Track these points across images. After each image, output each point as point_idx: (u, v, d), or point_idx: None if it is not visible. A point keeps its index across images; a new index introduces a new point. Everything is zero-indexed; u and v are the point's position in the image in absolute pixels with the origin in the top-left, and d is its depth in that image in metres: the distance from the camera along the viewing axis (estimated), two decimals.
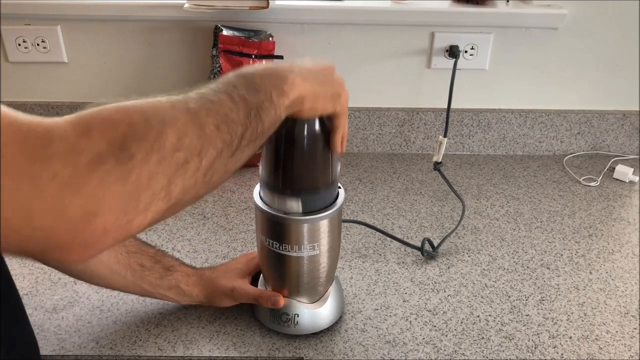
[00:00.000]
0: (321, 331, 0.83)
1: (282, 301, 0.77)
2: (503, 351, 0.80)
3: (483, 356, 0.80)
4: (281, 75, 0.55)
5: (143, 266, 0.80)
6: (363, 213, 1.12)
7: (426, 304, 0.89)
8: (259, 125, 0.51)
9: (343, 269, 0.96)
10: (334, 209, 0.76)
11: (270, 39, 1.22)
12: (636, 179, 1.25)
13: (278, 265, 0.79)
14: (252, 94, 0.51)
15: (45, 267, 0.92)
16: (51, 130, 0.39)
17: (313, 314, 0.81)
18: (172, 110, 0.45)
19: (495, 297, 0.91)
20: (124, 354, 0.79)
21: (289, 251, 0.76)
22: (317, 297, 0.83)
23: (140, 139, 0.41)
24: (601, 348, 0.81)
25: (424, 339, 0.82)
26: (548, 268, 0.98)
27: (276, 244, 0.76)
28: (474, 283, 0.94)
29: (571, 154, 1.37)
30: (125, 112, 0.44)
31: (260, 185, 0.76)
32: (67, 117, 0.41)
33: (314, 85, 0.59)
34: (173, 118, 0.44)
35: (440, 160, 1.18)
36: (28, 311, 0.68)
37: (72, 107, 1.31)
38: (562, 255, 1.01)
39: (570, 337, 0.83)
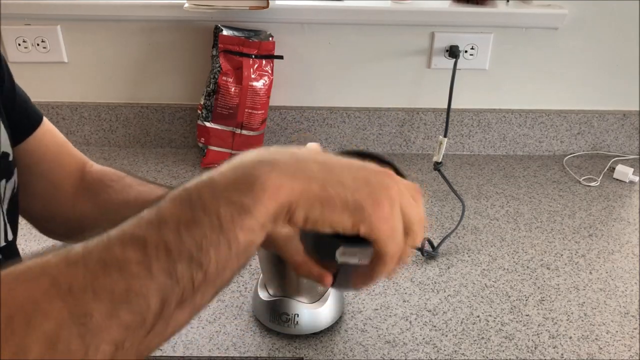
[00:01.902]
0: (321, 331, 0.83)
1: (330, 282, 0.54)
2: (503, 351, 0.80)
3: (483, 356, 0.80)
4: (246, 179, 0.37)
5: None
6: None
7: (426, 304, 0.89)
8: (198, 274, 0.35)
9: None
10: None
11: (270, 39, 1.22)
12: (636, 179, 1.25)
13: (278, 265, 0.79)
14: (183, 229, 0.35)
15: None
16: None
17: (313, 314, 0.81)
18: (45, 296, 0.32)
19: (495, 297, 0.91)
20: None
21: None
22: (317, 297, 0.83)
23: None
24: (601, 348, 0.81)
25: (424, 339, 0.82)
26: (548, 268, 0.98)
27: None
28: (474, 283, 0.94)
29: (571, 154, 1.37)
30: None
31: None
32: None
33: (312, 183, 0.38)
34: (44, 312, 0.31)
35: (440, 161, 1.18)
36: None
37: (72, 107, 1.31)
38: (562, 255, 1.01)
39: (570, 337, 0.83)
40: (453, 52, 1.24)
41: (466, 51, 1.26)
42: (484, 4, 1.23)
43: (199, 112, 1.24)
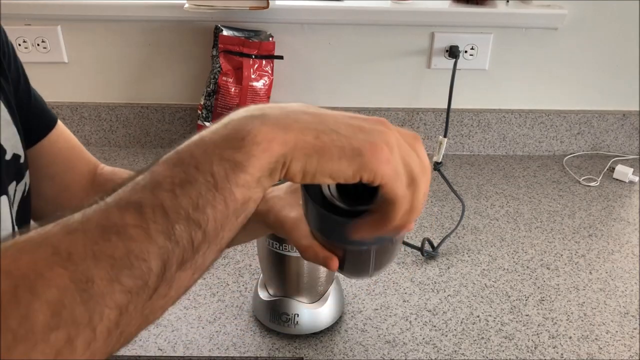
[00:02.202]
0: (321, 331, 0.83)
1: (336, 266, 0.53)
2: (503, 351, 0.81)
3: (483, 356, 0.80)
4: (237, 134, 0.36)
5: None
6: None
7: (426, 304, 0.89)
8: (197, 233, 0.35)
9: None
10: None
11: (270, 39, 1.22)
12: (636, 179, 1.25)
13: (278, 265, 0.79)
14: (178, 190, 0.35)
15: None
16: None
17: (313, 314, 0.81)
18: (47, 265, 0.32)
19: (495, 297, 0.91)
20: (124, 354, 0.79)
21: (289, 251, 0.76)
22: (317, 297, 0.83)
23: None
24: (601, 348, 0.81)
25: (424, 339, 0.82)
26: (548, 268, 0.98)
27: (276, 244, 0.77)
28: (474, 283, 0.94)
29: (571, 154, 1.37)
30: None
31: None
32: None
33: (305, 133, 0.37)
34: (47, 280, 0.31)
35: (440, 161, 1.18)
36: None
37: (72, 107, 1.32)
38: (562, 255, 1.01)
39: (570, 337, 0.83)
40: (453, 52, 1.25)
41: (466, 51, 1.26)
42: (484, 4, 1.23)
43: (199, 112, 1.24)
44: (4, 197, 0.53)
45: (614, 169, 1.28)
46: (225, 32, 1.20)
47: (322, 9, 1.22)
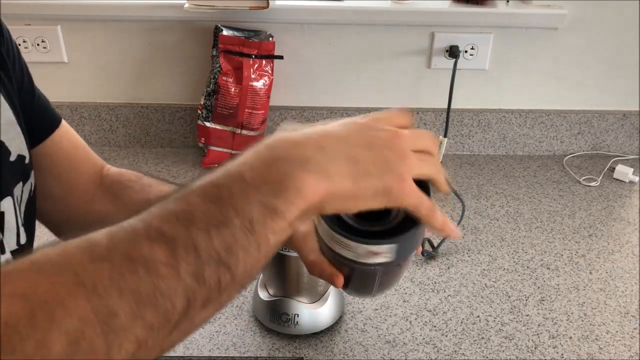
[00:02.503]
0: (321, 331, 0.83)
1: (341, 283, 0.55)
2: (503, 351, 0.80)
3: (483, 356, 0.80)
4: (280, 181, 0.36)
5: None
6: None
7: (426, 304, 0.89)
8: (226, 275, 0.35)
9: None
10: None
11: (270, 39, 1.22)
12: (636, 179, 1.25)
13: (278, 265, 0.79)
14: (214, 231, 0.34)
15: None
16: None
17: (313, 314, 0.81)
18: (69, 293, 0.31)
19: (495, 297, 0.91)
20: None
21: (289, 251, 0.76)
22: (317, 297, 0.83)
23: (14, 350, 0.29)
24: (601, 348, 0.81)
25: (424, 339, 0.82)
26: (548, 268, 0.98)
27: None
28: (474, 283, 0.94)
29: (571, 154, 1.37)
30: (8, 299, 0.30)
31: None
32: None
33: (345, 181, 0.38)
34: (68, 309, 0.30)
35: (440, 160, 1.18)
36: None
37: (72, 107, 1.31)
38: (562, 255, 1.01)
39: (570, 337, 0.83)
40: (453, 52, 1.24)
41: (466, 51, 1.26)
42: (484, 4, 1.23)
43: (199, 112, 1.24)
44: (9, 198, 0.53)
45: (614, 169, 1.28)
46: (225, 32, 1.20)
47: (322, 9, 1.22)
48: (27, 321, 0.29)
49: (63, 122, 0.66)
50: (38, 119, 0.62)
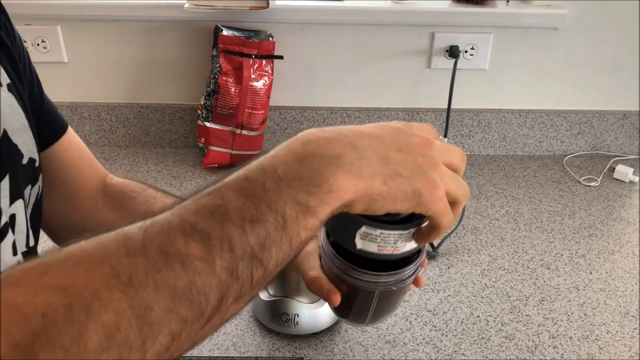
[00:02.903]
0: (321, 331, 0.83)
1: (337, 302, 0.55)
2: (503, 351, 0.80)
3: (483, 356, 0.80)
4: (313, 178, 0.37)
5: None
6: None
7: (426, 304, 0.89)
8: (258, 270, 0.35)
9: None
10: None
11: (270, 39, 1.22)
12: (636, 179, 1.25)
13: None
14: (248, 226, 0.35)
15: None
16: None
17: (313, 314, 0.81)
18: (105, 286, 0.31)
19: (495, 297, 0.91)
20: None
21: None
22: (317, 297, 0.83)
23: (52, 341, 0.29)
24: (601, 348, 0.81)
25: (424, 339, 0.82)
26: (548, 268, 0.98)
27: None
28: (474, 283, 0.94)
29: (571, 154, 1.37)
30: (46, 290, 0.31)
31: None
32: None
33: (376, 181, 0.38)
34: (104, 302, 0.31)
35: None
36: None
37: (72, 107, 1.31)
38: (562, 255, 1.01)
39: (571, 337, 0.83)
40: (453, 52, 1.24)
41: (466, 51, 1.26)
42: (484, 4, 1.23)
43: (199, 112, 1.24)
44: (20, 201, 0.53)
45: (614, 169, 1.28)
46: (225, 32, 1.20)
47: (322, 9, 1.22)
48: (65, 313, 0.30)
49: (69, 128, 0.67)
50: (46, 124, 0.62)
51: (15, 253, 0.51)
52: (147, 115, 1.33)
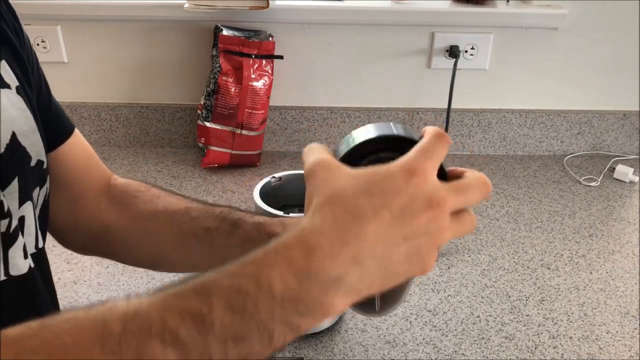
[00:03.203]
0: (321, 331, 0.82)
1: None
2: (503, 351, 0.80)
3: (483, 356, 0.80)
4: (310, 304, 0.35)
5: (209, 229, 0.62)
6: None
7: (426, 304, 0.89)
8: None
9: None
10: None
11: (270, 39, 1.22)
12: (636, 179, 1.25)
13: None
14: (231, 343, 0.34)
15: None
16: None
17: None
18: None
19: (495, 297, 0.91)
20: None
21: None
22: None
23: None
24: (601, 348, 0.81)
25: (424, 339, 0.82)
26: (548, 268, 0.98)
27: None
28: (474, 283, 0.94)
29: (571, 154, 1.37)
30: None
31: None
32: None
33: (372, 288, 0.37)
34: None
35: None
36: None
37: (72, 107, 1.31)
38: (562, 255, 1.01)
39: (571, 338, 0.83)
40: (453, 52, 1.24)
41: (466, 51, 1.26)
42: (484, 4, 1.23)
43: (199, 112, 1.24)
44: (29, 203, 0.53)
45: (614, 169, 1.28)
46: (225, 32, 1.19)
47: (322, 9, 1.22)
48: None
49: (76, 130, 0.67)
50: (53, 125, 0.63)
51: (25, 256, 0.51)
52: (147, 115, 1.33)
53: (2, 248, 0.47)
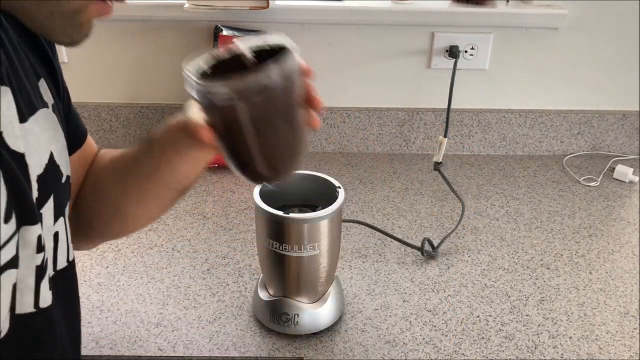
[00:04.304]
0: (321, 331, 0.83)
1: (206, 136, 0.53)
2: (503, 351, 0.80)
3: (483, 356, 0.80)
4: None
5: (135, 158, 0.65)
6: (363, 213, 1.12)
7: (426, 304, 0.89)
8: None
9: (343, 269, 0.96)
10: (334, 208, 0.76)
11: None
12: (636, 179, 1.25)
13: (278, 266, 0.79)
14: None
15: None
16: None
17: (313, 314, 0.81)
18: None
19: (495, 297, 0.91)
20: (124, 354, 0.79)
21: (289, 251, 0.76)
22: (317, 297, 0.83)
23: None
24: (601, 348, 0.81)
25: (424, 339, 0.82)
26: (548, 268, 0.98)
27: (276, 244, 0.77)
28: (474, 283, 0.94)
29: (571, 154, 1.37)
30: None
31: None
32: None
33: None
34: None
35: (440, 161, 1.18)
36: None
37: None
38: (562, 255, 1.01)
39: (570, 337, 0.83)
40: (453, 52, 1.25)
41: (466, 51, 1.26)
42: (484, 4, 1.23)
43: None
44: (61, 218, 0.54)
45: (614, 169, 1.28)
46: (225, 32, 1.20)
47: (322, 9, 1.22)
48: None
49: (87, 134, 0.68)
50: (71, 132, 0.64)
51: (43, 274, 0.51)
52: (147, 115, 1.33)
53: (35, 281, 0.48)
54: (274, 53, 0.49)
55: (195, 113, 0.53)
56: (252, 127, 0.48)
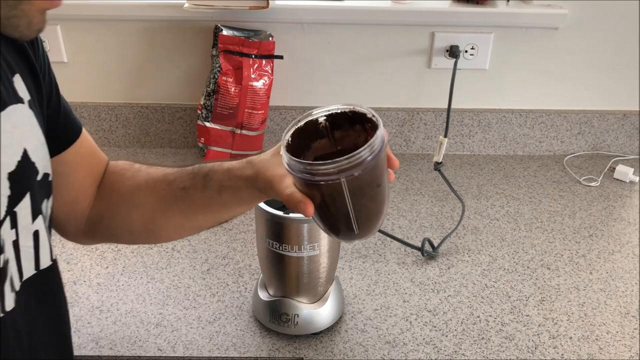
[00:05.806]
0: (321, 331, 0.82)
1: (310, 211, 0.54)
2: (503, 351, 0.80)
3: (483, 356, 0.80)
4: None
5: (185, 188, 0.65)
6: None
7: (426, 304, 0.89)
8: None
9: (343, 269, 0.96)
10: None
11: (270, 39, 1.22)
12: (636, 179, 1.25)
13: (278, 266, 0.79)
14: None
15: None
16: None
17: (313, 314, 0.81)
18: None
19: (495, 297, 0.91)
20: (124, 354, 0.79)
21: (289, 251, 0.76)
22: (317, 297, 0.83)
23: None
24: (601, 348, 0.81)
25: (424, 339, 0.82)
26: (548, 268, 0.98)
27: (276, 244, 0.76)
28: (474, 283, 0.94)
29: (571, 154, 1.37)
30: None
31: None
32: None
33: None
34: None
35: (440, 161, 1.18)
36: None
37: (72, 107, 1.31)
38: (562, 255, 1.01)
39: (571, 338, 0.83)
40: (453, 52, 1.24)
41: (466, 51, 1.26)
42: (484, 4, 1.23)
43: (199, 112, 1.24)
44: (40, 216, 0.54)
45: (614, 169, 1.28)
46: (225, 32, 1.19)
47: (322, 9, 1.22)
48: None
49: (83, 129, 0.67)
50: (62, 128, 0.63)
51: (12, 289, 0.51)
52: (147, 115, 1.33)
53: None
54: (344, 115, 0.56)
55: (287, 185, 0.55)
56: (351, 197, 0.51)
